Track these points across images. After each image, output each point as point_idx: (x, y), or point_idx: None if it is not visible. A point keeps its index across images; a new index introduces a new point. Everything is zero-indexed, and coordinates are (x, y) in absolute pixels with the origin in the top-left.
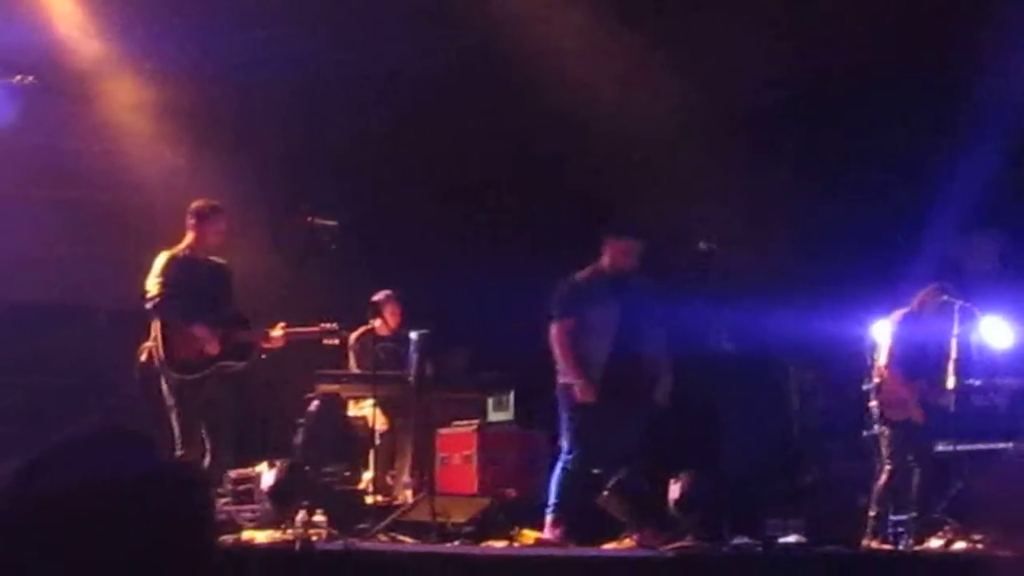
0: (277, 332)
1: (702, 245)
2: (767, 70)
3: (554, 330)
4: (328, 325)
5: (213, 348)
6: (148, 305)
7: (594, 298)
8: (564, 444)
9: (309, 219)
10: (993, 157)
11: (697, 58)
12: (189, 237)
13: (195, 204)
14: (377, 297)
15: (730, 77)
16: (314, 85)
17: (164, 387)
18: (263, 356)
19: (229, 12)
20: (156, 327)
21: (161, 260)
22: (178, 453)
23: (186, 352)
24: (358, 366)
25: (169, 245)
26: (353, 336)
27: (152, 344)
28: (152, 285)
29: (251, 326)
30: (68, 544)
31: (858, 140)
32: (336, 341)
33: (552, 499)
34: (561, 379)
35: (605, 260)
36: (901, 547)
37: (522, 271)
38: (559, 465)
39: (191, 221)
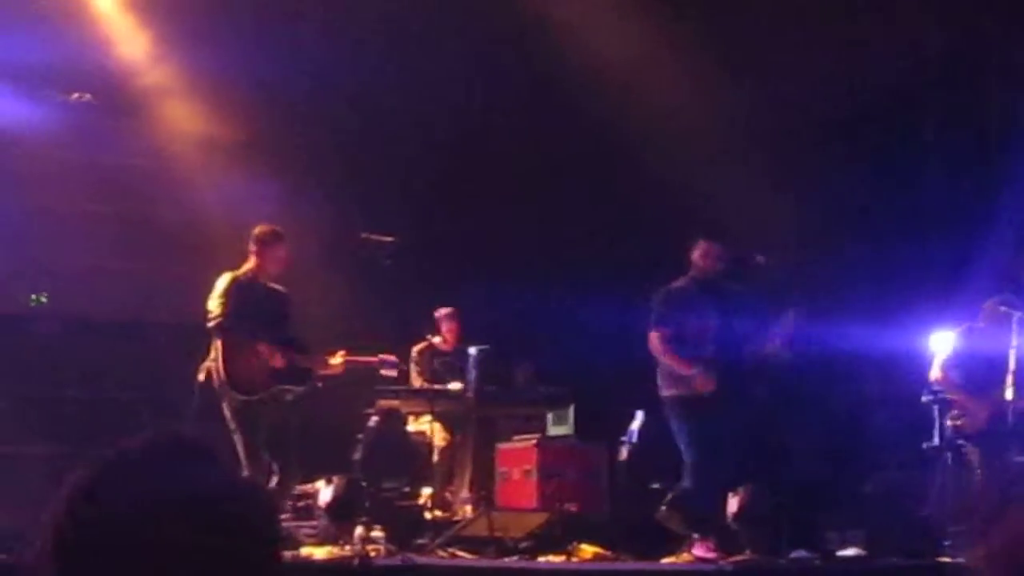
0: (336, 360)
1: (759, 259)
2: (833, 83)
3: (653, 339)
4: (387, 357)
5: (278, 361)
6: (210, 324)
7: (690, 305)
8: (686, 458)
9: (364, 236)
10: None
11: (763, 71)
12: (251, 262)
13: (257, 230)
14: (437, 314)
15: (796, 90)
16: (371, 103)
17: (225, 409)
18: (320, 384)
19: (286, 32)
20: (217, 347)
21: (224, 281)
22: (244, 473)
23: (247, 373)
24: (419, 381)
25: (226, 260)
26: (415, 350)
27: (212, 364)
28: (215, 305)
29: (310, 352)
30: (131, 566)
31: (920, 153)
32: (394, 373)
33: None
34: (664, 392)
35: (694, 266)
36: (960, 559)
37: (582, 287)
38: (686, 483)
39: (253, 247)
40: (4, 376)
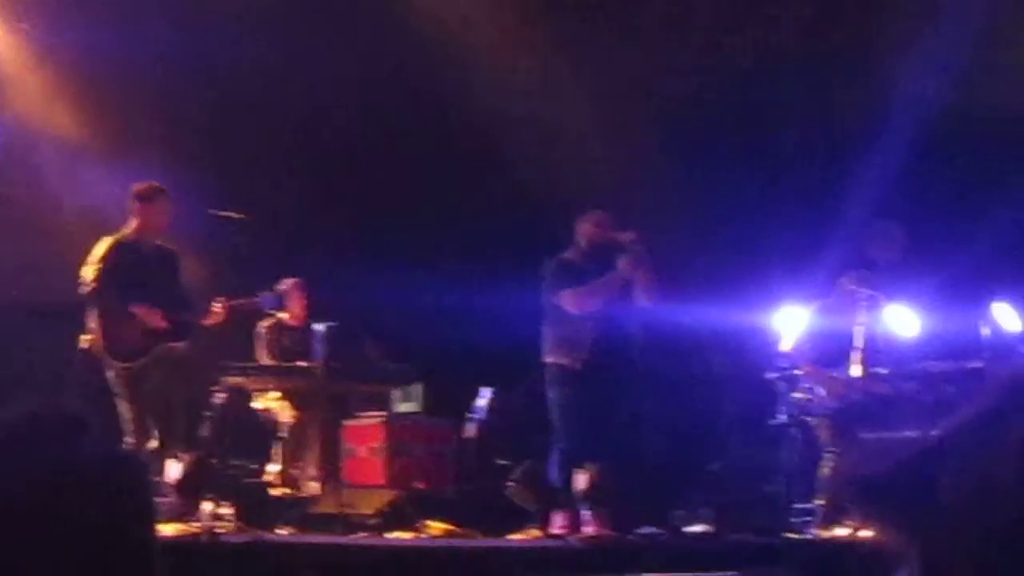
0: (216, 307)
1: (626, 236)
2: (675, 61)
3: (567, 299)
4: (266, 293)
5: (157, 321)
6: (83, 291)
7: (578, 277)
8: (555, 429)
9: (212, 212)
10: (900, 149)
11: (605, 50)
12: (134, 222)
13: (137, 187)
14: (282, 286)
15: (639, 67)
16: (223, 81)
17: (110, 377)
18: (206, 331)
19: (138, 12)
20: (93, 316)
21: (101, 246)
22: (128, 440)
23: (126, 339)
24: (268, 357)
25: (82, 241)
26: (263, 327)
27: (91, 335)
28: (88, 272)
29: (192, 307)
30: (7, 540)
31: (767, 131)
32: (279, 307)
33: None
34: (545, 359)
35: (580, 240)
36: (808, 535)
37: (431, 264)
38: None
39: (135, 205)
40: None
